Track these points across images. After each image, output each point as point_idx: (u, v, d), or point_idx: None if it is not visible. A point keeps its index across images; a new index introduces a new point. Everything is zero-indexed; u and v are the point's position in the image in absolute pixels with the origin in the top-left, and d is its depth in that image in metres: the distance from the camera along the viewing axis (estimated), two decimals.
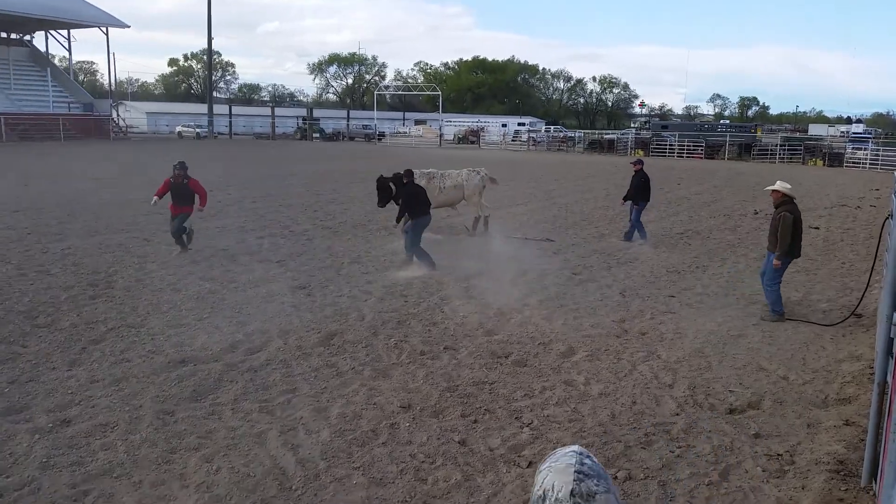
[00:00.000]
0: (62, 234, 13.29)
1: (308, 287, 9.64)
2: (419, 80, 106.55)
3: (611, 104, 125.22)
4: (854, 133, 60.86)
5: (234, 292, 9.30)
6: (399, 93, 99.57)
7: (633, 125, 76.91)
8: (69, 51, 59.15)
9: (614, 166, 33.91)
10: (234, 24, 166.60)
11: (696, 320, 8.47)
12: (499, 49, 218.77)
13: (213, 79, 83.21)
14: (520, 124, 74.11)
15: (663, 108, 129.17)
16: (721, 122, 70.60)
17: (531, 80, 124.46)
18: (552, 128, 67.77)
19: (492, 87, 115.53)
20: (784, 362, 7.08)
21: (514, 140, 60.48)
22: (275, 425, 5.41)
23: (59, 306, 8.44)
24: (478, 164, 16.22)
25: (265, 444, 5.13)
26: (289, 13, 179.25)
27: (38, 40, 58.84)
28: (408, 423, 5.51)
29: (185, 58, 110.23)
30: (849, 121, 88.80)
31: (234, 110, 73.81)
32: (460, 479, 4.71)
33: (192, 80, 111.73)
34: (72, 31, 57.41)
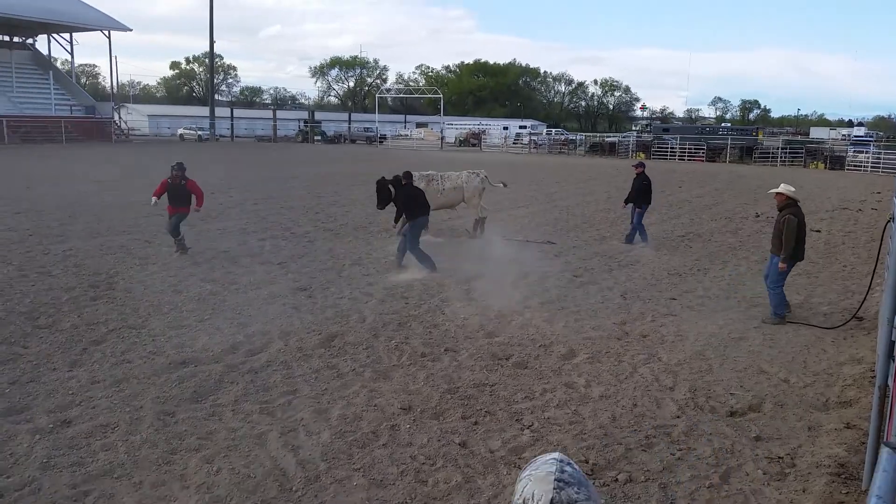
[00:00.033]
0: (64, 235, 13.31)
1: (309, 289, 9.65)
2: (421, 83, 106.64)
3: (612, 107, 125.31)
4: (855, 136, 60.95)
5: (236, 294, 9.31)
6: (400, 96, 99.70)
7: (634, 128, 76.97)
8: (71, 54, 59.43)
9: (615, 169, 33.93)
10: (236, 28, 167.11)
11: (697, 323, 8.47)
12: (500, 52, 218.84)
13: (214, 82, 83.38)
14: (521, 127, 74.17)
15: (665, 111, 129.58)
16: (722, 125, 70.51)
17: (532, 83, 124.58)
18: (553, 131, 67.77)
19: (493, 90, 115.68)
20: (785, 365, 7.08)
21: (515, 143, 60.57)
22: (275, 426, 5.41)
23: (60, 307, 8.45)
24: (479, 166, 16.22)
25: (266, 445, 5.13)
26: (290, 17, 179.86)
27: (41, 43, 59.20)
28: (408, 425, 5.51)
29: (187, 61, 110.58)
30: (850, 124, 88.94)
31: (236, 113, 74.07)
32: (461, 481, 4.71)
33: (194, 83, 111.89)
34: (74, 34, 57.62)
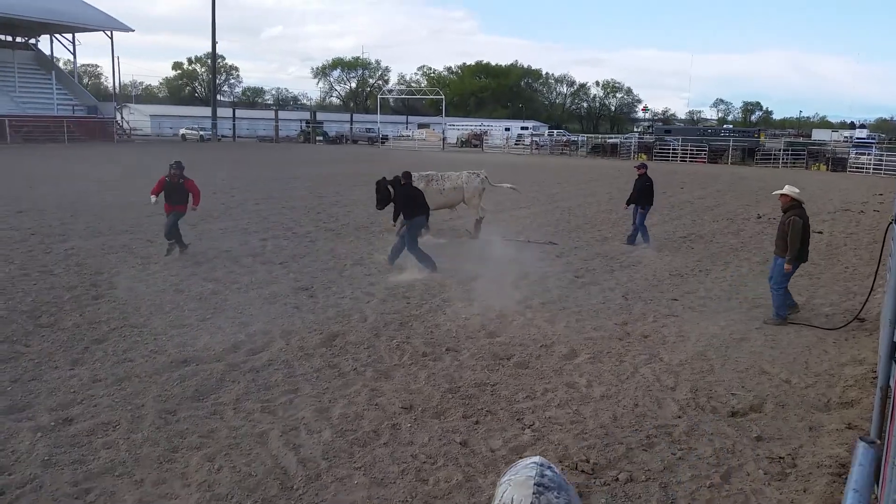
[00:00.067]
0: (65, 234, 13.32)
1: (310, 288, 9.66)
2: (423, 84, 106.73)
3: (614, 108, 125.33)
4: (858, 138, 60.84)
5: (237, 293, 9.31)
6: (402, 97, 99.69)
7: (636, 129, 76.95)
8: (74, 54, 59.58)
9: (617, 170, 33.92)
10: (238, 29, 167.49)
11: (698, 323, 8.47)
12: (502, 53, 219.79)
13: (217, 82, 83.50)
14: (523, 128, 74.09)
15: (666, 112, 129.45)
16: (724, 126, 70.53)
17: (534, 84, 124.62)
18: (555, 132, 67.72)
19: (495, 91, 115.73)
20: (787, 366, 7.07)
21: (517, 144, 60.52)
22: (276, 425, 5.41)
23: (61, 306, 8.46)
24: (481, 167, 16.23)
25: (267, 443, 5.13)
26: (292, 18, 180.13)
27: (44, 44, 59.29)
28: (409, 424, 5.51)
29: (190, 61, 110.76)
30: (852, 126, 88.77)
31: (238, 113, 74.21)
32: (461, 480, 4.71)
33: (196, 84, 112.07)
34: (76, 34, 57.73)
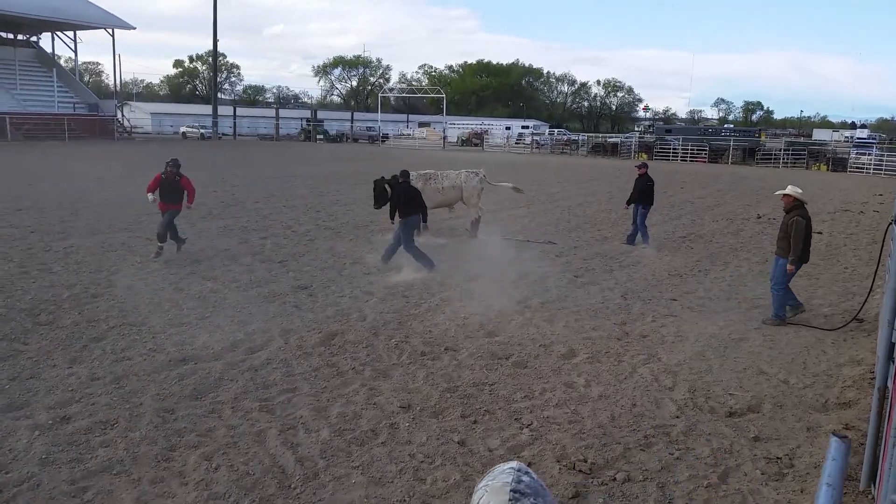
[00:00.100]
0: (65, 232, 13.33)
1: (310, 287, 9.66)
2: (423, 83, 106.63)
3: (615, 108, 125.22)
4: (858, 138, 60.79)
5: (236, 292, 9.32)
6: (403, 95, 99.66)
7: (636, 129, 76.85)
8: (75, 52, 59.57)
9: (617, 170, 33.91)
10: (239, 27, 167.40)
11: (697, 323, 8.47)
12: (503, 52, 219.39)
13: (217, 80, 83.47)
14: (523, 127, 74.07)
15: (667, 111, 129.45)
16: (725, 126, 70.47)
17: (535, 83, 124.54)
18: (556, 131, 67.65)
19: (496, 90, 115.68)
20: (785, 366, 7.07)
21: (517, 143, 60.52)
22: (275, 424, 5.42)
23: (60, 304, 8.47)
24: (481, 166, 16.21)
25: (265, 442, 5.13)
26: (293, 16, 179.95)
27: (45, 41, 59.23)
28: (407, 423, 5.52)
29: (191, 59, 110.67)
30: (853, 126, 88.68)
31: (239, 111, 74.13)
32: (459, 480, 4.72)
33: (197, 82, 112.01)
34: (78, 32, 57.68)
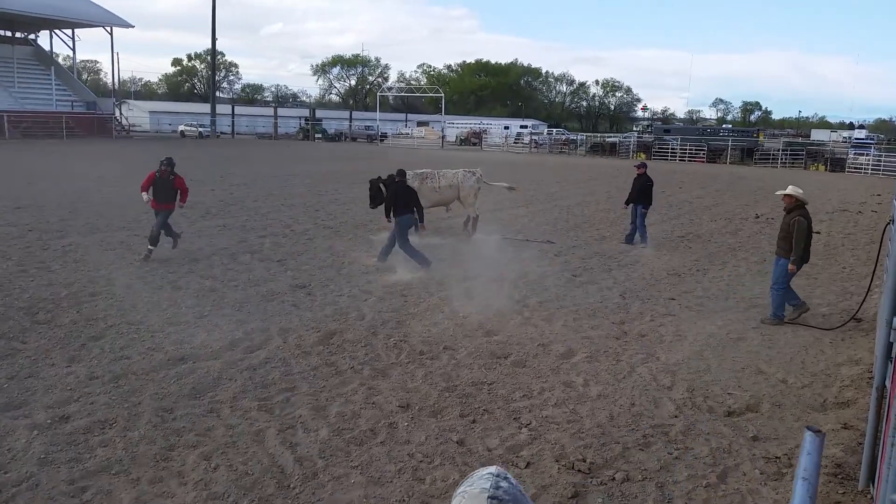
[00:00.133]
0: (63, 231, 13.31)
1: (308, 286, 9.65)
2: (422, 82, 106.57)
3: (613, 108, 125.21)
4: (856, 138, 60.86)
5: (235, 290, 9.31)
6: (402, 94, 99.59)
7: (635, 129, 76.88)
8: (73, 50, 59.40)
9: (616, 169, 33.92)
10: (237, 26, 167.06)
11: (695, 323, 8.47)
12: (502, 52, 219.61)
13: (216, 79, 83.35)
14: (522, 127, 74.05)
15: (666, 111, 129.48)
16: (723, 126, 70.46)
17: (534, 82, 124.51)
18: (554, 130, 67.70)
19: (495, 89, 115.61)
20: (783, 366, 7.08)
21: (516, 142, 60.51)
22: (273, 423, 5.41)
23: (59, 303, 8.45)
24: (479, 165, 16.22)
25: (264, 442, 5.13)
26: (292, 15, 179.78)
27: (43, 39, 59.16)
28: (406, 423, 5.52)
29: (189, 58, 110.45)
30: (851, 126, 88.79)
31: (237, 110, 74.03)
32: (458, 479, 4.71)
33: (196, 80, 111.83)
34: (76, 30, 57.61)
